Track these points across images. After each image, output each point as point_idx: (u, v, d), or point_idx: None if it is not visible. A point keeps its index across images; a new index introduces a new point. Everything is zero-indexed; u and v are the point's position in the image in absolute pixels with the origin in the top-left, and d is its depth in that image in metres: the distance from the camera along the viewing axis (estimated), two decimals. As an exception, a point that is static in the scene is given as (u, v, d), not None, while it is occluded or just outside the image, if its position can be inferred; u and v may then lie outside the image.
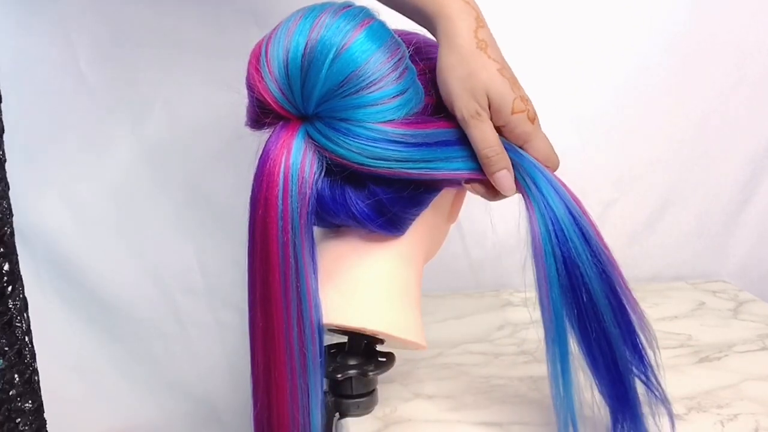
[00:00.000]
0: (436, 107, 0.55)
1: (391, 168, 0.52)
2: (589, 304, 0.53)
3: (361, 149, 0.52)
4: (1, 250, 0.53)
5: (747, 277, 1.07)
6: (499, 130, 0.53)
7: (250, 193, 0.53)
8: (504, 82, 0.52)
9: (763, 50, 0.98)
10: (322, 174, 0.53)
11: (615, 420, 0.55)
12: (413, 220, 0.58)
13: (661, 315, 0.90)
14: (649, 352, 0.56)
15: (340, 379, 0.60)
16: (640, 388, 0.56)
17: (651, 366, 0.56)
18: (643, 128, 0.99)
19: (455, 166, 0.54)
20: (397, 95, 0.52)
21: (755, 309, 0.91)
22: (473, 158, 0.54)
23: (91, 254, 0.92)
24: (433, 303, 0.91)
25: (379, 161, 0.52)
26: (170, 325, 0.96)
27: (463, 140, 0.54)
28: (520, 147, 0.55)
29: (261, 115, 0.54)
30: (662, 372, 0.56)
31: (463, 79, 0.51)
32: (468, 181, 0.55)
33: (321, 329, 0.55)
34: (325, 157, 0.53)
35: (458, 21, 0.51)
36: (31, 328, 0.60)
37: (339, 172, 0.54)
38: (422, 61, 0.56)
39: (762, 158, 1.03)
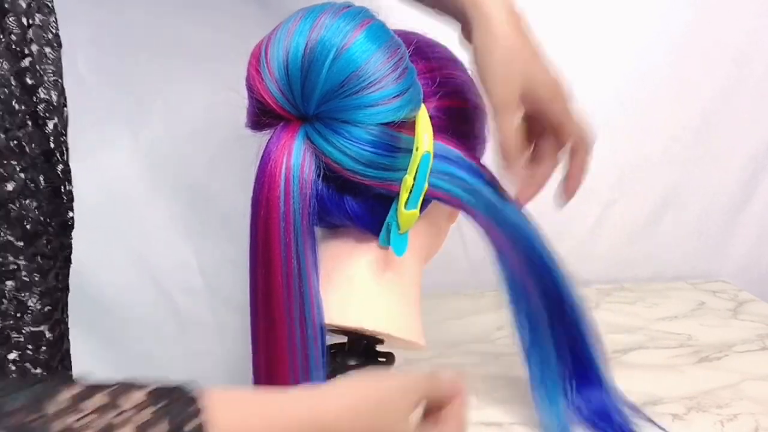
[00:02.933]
0: None
1: (383, 179, 0.53)
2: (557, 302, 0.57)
3: (358, 154, 0.52)
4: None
5: (747, 277, 1.07)
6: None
7: (251, 194, 0.53)
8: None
9: (762, 50, 0.98)
10: (321, 174, 0.53)
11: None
12: None
13: (661, 315, 0.90)
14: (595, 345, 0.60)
15: (340, 379, 0.60)
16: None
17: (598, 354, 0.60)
18: (643, 128, 0.99)
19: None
20: (398, 95, 0.51)
21: (755, 309, 0.91)
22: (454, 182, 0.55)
23: (90, 255, 0.92)
24: (433, 303, 0.90)
25: (373, 169, 0.52)
26: (170, 326, 0.96)
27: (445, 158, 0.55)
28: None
29: (261, 115, 0.54)
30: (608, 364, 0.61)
31: (523, 62, 0.52)
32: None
33: (323, 330, 0.55)
34: (321, 161, 0.53)
35: (496, 11, 0.52)
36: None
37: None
38: (422, 61, 0.56)
39: (762, 158, 1.03)
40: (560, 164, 0.59)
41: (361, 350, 0.62)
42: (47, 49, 0.48)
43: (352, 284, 0.58)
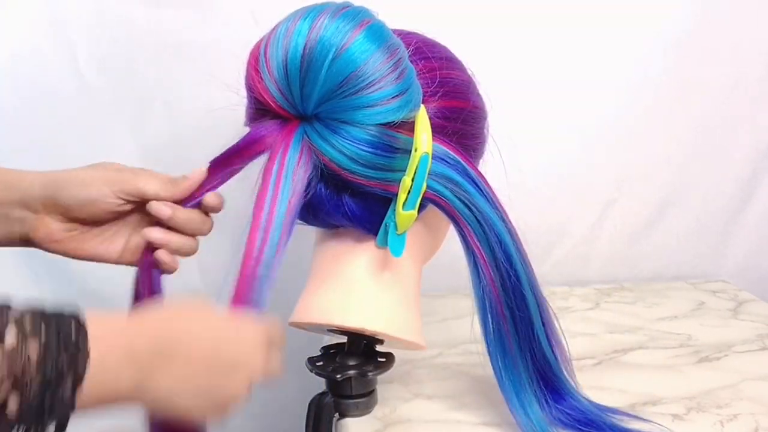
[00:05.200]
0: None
1: (381, 179, 0.53)
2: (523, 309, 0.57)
3: (356, 154, 0.52)
4: None
5: (747, 277, 1.07)
6: None
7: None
8: None
9: (762, 51, 0.98)
10: (319, 174, 0.53)
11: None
12: None
13: (661, 315, 0.90)
14: (558, 348, 0.60)
15: (339, 379, 0.60)
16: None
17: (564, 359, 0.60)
18: (643, 129, 0.99)
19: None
20: (397, 95, 0.52)
21: (755, 309, 0.91)
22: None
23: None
24: (432, 303, 0.90)
25: (371, 170, 0.52)
26: (170, 326, 0.96)
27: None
28: None
29: (260, 115, 0.54)
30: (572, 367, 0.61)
31: None
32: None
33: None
34: (320, 160, 0.52)
35: None
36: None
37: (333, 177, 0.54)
38: (422, 61, 0.56)
39: (762, 159, 1.03)
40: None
41: (361, 350, 0.62)
42: None
43: (351, 285, 0.58)
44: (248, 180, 0.54)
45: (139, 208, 0.54)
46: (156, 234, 0.54)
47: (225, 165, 0.55)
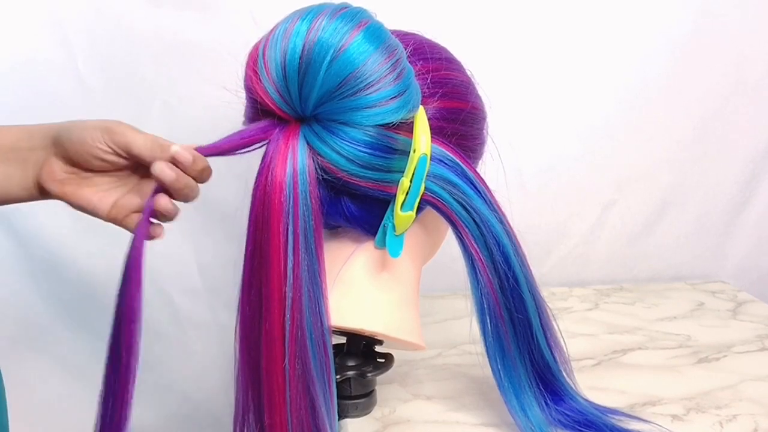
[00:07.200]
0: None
1: (379, 180, 0.53)
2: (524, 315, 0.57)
3: (354, 155, 0.52)
4: None
5: (746, 277, 1.07)
6: None
7: (251, 195, 0.53)
8: None
9: (761, 52, 0.98)
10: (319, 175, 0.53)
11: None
12: None
13: (660, 315, 0.90)
14: (557, 350, 0.60)
15: (338, 380, 0.60)
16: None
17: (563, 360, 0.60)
18: (642, 130, 0.99)
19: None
20: (396, 96, 0.51)
21: (754, 310, 0.91)
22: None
23: (88, 255, 0.92)
24: (432, 304, 0.91)
25: (369, 171, 0.52)
26: (169, 326, 0.96)
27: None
28: None
29: (259, 116, 0.54)
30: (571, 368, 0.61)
31: None
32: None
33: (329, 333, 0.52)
34: (318, 162, 0.52)
35: None
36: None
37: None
38: (421, 61, 0.56)
39: (761, 159, 1.03)
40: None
41: (360, 351, 0.62)
42: None
43: (349, 285, 0.58)
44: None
45: (138, 171, 0.56)
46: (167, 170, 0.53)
47: (214, 154, 0.55)
